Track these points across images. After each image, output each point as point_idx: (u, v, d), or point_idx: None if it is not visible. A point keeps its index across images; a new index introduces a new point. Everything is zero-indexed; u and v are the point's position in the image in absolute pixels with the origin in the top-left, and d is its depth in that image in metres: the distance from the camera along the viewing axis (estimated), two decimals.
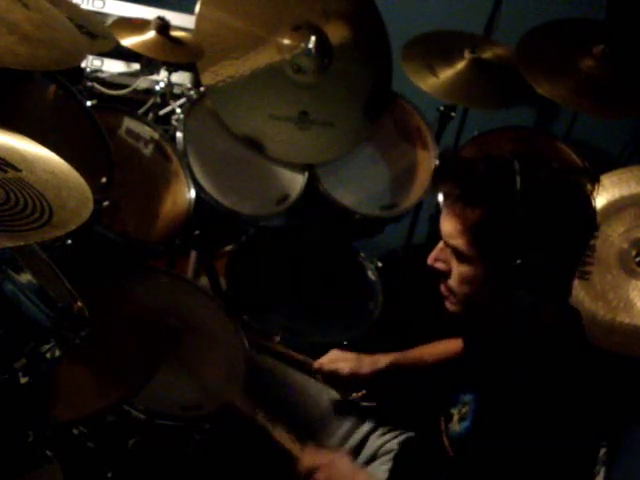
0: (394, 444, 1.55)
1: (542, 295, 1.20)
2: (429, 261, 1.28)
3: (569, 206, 1.18)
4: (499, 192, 1.17)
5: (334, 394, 1.64)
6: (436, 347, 1.60)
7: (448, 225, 1.22)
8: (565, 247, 1.18)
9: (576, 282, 1.26)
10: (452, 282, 1.25)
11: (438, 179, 1.34)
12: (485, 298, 1.24)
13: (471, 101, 2.40)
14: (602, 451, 1.81)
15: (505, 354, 1.24)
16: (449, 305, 1.29)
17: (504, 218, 1.16)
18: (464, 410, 1.25)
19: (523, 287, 1.18)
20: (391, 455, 1.52)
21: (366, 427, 1.58)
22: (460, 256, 1.22)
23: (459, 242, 1.21)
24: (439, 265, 1.26)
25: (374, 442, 1.56)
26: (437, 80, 2.31)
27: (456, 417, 1.27)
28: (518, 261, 1.15)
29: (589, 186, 1.21)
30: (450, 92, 2.31)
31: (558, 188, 1.18)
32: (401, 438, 1.56)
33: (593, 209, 1.22)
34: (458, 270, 1.23)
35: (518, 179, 1.15)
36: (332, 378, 1.60)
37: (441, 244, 1.26)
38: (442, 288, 1.28)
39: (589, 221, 1.22)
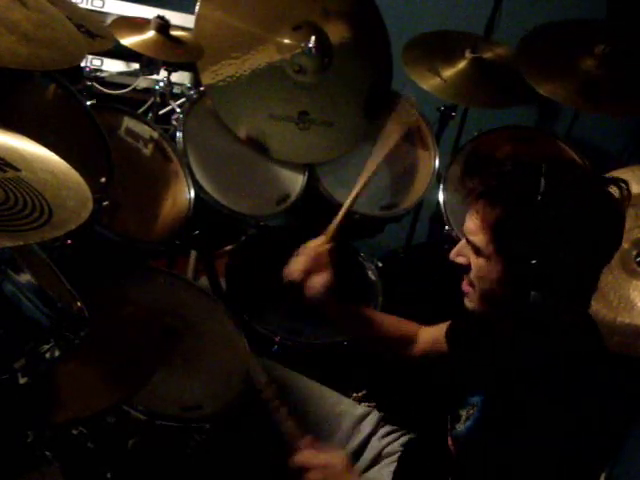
0: (396, 446, 1.54)
1: (557, 299, 1.20)
2: (451, 256, 1.30)
3: (591, 213, 1.17)
4: (521, 192, 1.18)
5: (336, 396, 1.64)
6: (407, 323, 1.66)
7: (470, 221, 1.24)
8: (584, 254, 1.18)
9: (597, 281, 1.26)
10: (472, 277, 1.27)
11: (466, 174, 1.36)
12: (501, 296, 1.24)
13: (472, 101, 2.39)
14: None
15: (516, 355, 1.24)
16: (467, 302, 1.30)
17: (523, 218, 1.16)
18: (472, 411, 1.25)
19: (536, 288, 1.18)
20: (394, 457, 1.52)
21: (367, 429, 1.58)
22: (478, 252, 1.23)
23: (478, 238, 1.22)
24: (460, 259, 1.29)
25: (376, 444, 1.56)
26: (438, 80, 2.31)
27: (463, 418, 1.27)
28: (533, 261, 1.15)
29: (619, 196, 1.21)
30: (451, 92, 2.31)
31: (582, 195, 1.18)
32: (403, 440, 1.56)
33: (620, 219, 1.21)
34: (477, 267, 1.25)
35: (542, 181, 1.16)
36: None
37: (463, 240, 1.28)
38: (463, 284, 1.30)
39: (613, 231, 1.21)
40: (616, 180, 1.23)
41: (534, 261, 1.15)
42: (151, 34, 1.98)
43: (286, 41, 2.20)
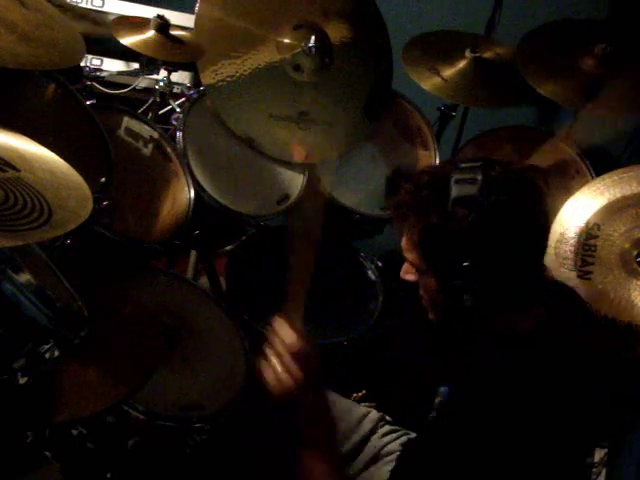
0: (396, 445, 1.54)
1: (494, 297, 1.21)
2: (401, 275, 1.33)
3: (509, 209, 1.17)
4: (433, 202, 1.19)
5: (335, 396, 1.64)
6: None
7: (403, 240, 1.26)
8: (510, 251, 1.18)
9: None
10: (420, 292, 1.30)
11: (387, 195, 1.37)
12: (443, 304, 1.26)
13: (472, 100, 2.39)
14: (603, 452, 1.80)
15: (476, 353, 1.25)
16: (429, 314, 1.33)
17: (440, 228, 1.18)
18: (437, 400, 1.28)
19: (468, 292, 1.19)
20: (393, 456, 1.51)
21: (367, 427, 1.58)
22: (417, 269, 1.26)
23: (412, 256, 1.25)
24: (408, 277, 1.31)
25: (375, 443, 1.55)
26: (438, 79, 2.30)
27: (434, 407, 1.28)
28: (465, 264, 1.16)
29: (541, 185, 1.21)
30: (452, 91, 2.31)
31: (495, 192, 1.17)
32: (403, 439, 1.56)
33: (541, 208, 1.21)
34: (421, 281, 1.28)
35: (452, 187, 1.16)
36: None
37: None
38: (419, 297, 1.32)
39: (535, 223, 1.21)
40: (534, 168, 1.23)
41: (465, 263, 1.15)
42: (151, 34, 1.97)
43: (286, 41, 2.19)
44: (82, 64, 2.20)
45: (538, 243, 1.23)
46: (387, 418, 1.62)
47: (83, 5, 2.27)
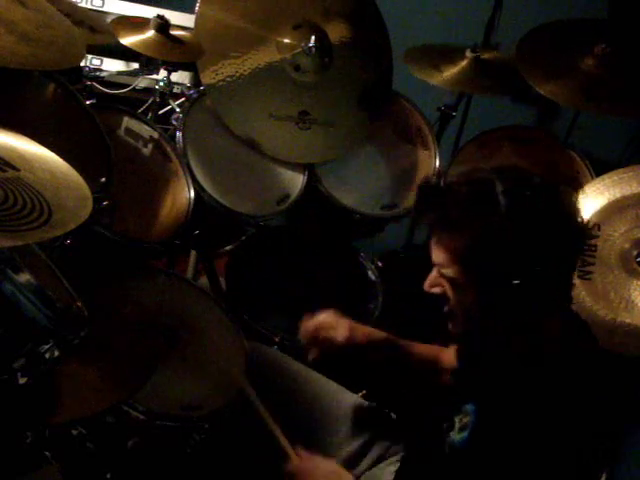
0: (401, 447, 1.54)
1: (540, 310, 1.20)
2: (425, 288, 1.27)
3: (554, 220, 1.17)
4: (483, 216, 1.15)
5: (346, 393, 1.64)
6: (430, 349, 1.60)
7: (438, 255, 1.21)
8: (557, 260, 1.17)
9: (578, 282, 1.26)
10: (451, 307, 1.25)
11: (420, 211, 1.29)
12: (481, 319, 1.23)
13: (476, 88, 2.37)
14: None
15: (506, 371, 1.23)
16: (451, 327, 1.29)
17: (492, 241, 1.14)
18: (465, 420, 1.24)
19: (522, 306, 1.17)
20: (397, 457, 1.52)
21: (371, 423, 1.58)
22: (454, 283, 1.21)
23: (451, 271, 1.20)
24: (436, 290, 1.26)
25: (381, 443, 1.55)
26: (441, 75, 2.30)
27: (457, 425, 1.26)
28: (516, 281, 1.13)
29: (573, 194, 1.21)
30: (452, 82, 2.30)
31: (542, 204, 1.16)
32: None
33: (580, 218, 1.21)
34: (456, 297, 1.23)
35: (501, 200, 1.13)
36: (324, 345, 1.56)
37: (435, 271, 1.25)
38: (445, 310, 1.28)
39: (577, 230, 1.20)
40: (567, 178, 1.23)
41: (516, 281, 1.13)
42: (151, 33, 1.97)
43: (286, 40, 2.19)
44: (82, 64, 2.20)
45: (576, 260, 1.23)
46: (392, 415, 1.61)
47: (83, 5, 2.27)
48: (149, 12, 2.22)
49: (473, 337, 1.30)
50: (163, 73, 2.19)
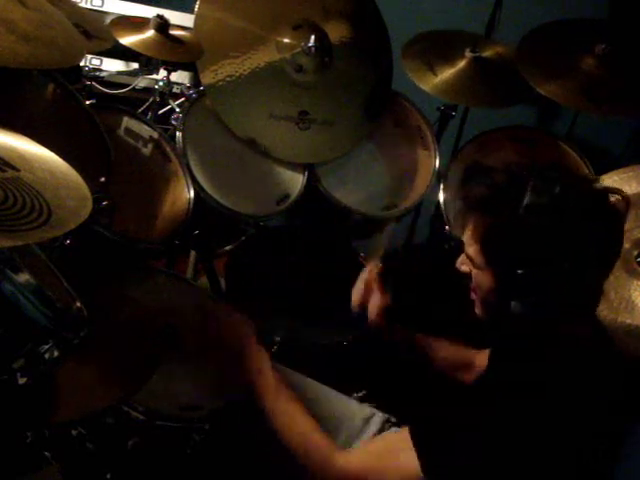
0: None
1: (554, 310, 1.21)
2: (457, 264, 1.33)
3: (579, 225, 1.17)
4: (506, 204, 1.18)
5: (341, 397, 1.64)
6: (458, 349, 1.63)
7: (466, 233, 1.27)
8: (573, 264, 1.17)
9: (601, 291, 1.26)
10: (473, 286, 1.30)
11: (464, 183, 1.36)
12: (495, 305, 1.26)
13: (471, 100, 2.39)
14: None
15: (514, 361, 1.24)
16: (475, 309, 1.32)
17: (508, 230, 1.18)
18: None
19: (521, 298, 1.19)
20: None
21: (373, 429, 1.58)
22: (473, 263, 1.26)
23: (472, 249, 1.25)
24: (464, 268, 1.31)
25: None
26: (436, 79, 2.30)
27: None
28: (519, 271, 1.16)
29: (618, 205, 1.22)
30: (450, 91, 2.31)
31: (566, 206, 1.17)
32: None
33: (614, 229, 1.21)
34: (475, 276, 1.27)
35: (529, 194, 1.16)
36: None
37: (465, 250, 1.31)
38: (471, 292, 1.32)
39: (604, 241, 1.20)
40: (614, 190, 1.23)
41: (520, 271, 1.16)
42: (150, 33, 1.97)
43: (286, 40, 2.19)
44: (81, 64, 2.20)
45: (602, 264, 1.22)
46: (392, 420, 1.61)
47: (83, 5, 2.27)
48: (149, 12, 2.23)
49: (490, 320, 1.32)
50: (163, 73, 2.19)
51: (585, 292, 1.23)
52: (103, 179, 1.73)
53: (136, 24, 2.00)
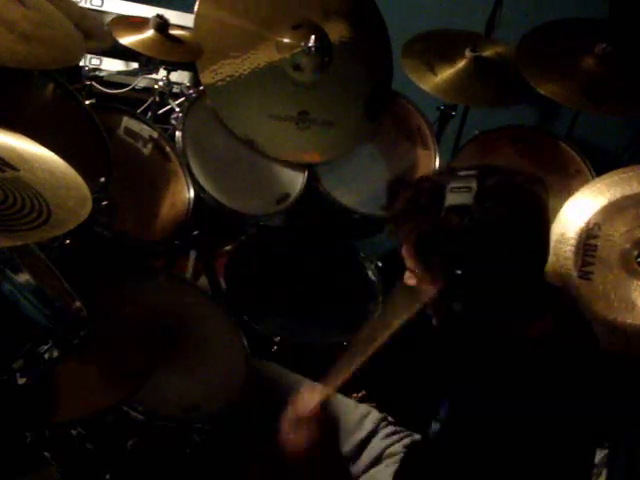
0: (399, 447, 1.54)
1: (501, 309, 1.21)
2: (404, 279, 1.32)
3: (501, 218, 1.17)
4: (429, 209, 1.19)
5: (337, 396, 1.63)
6: None
7: (403, 247, 1.26)
8: (502, 258, 1.17)
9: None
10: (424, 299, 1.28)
11: (388, 203, 1.36)
12: (440, 310, 1.26)
13: (471, 99, 2.39)
14: (603, 453, 1.80)
15: (470, 367, 1.25)
16: (433, 321, 1.32)
17: (436, 233, 1.18)
18: (442, 412, 1.27)
19: (460, 300, 1.19)
20: (396, 458, 1.51)
21: (368, 427, 1.57)
22: (414, 274, 1.26)
23: (410, 262, 1.25)
24: (410, 282, 1.30)
25: (378, 444, 1.55)
26: (436, 79, 2.30)
27: (439, 417, 1.28)
28: (458, 272, 1.16)
29: (542, 196, 1.20)
30: (450, 91, 2.31)
31: (488, 200, 1.16)
32: (406, 441, 1.56)
33: (540, 219, 1.21)
34: (419, 286, 1.27)
35: (448, 196, 1.16)
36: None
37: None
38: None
39: (529, 234, 1.20)
40: (532, 179, 1.22)
41: (458, 272, 1.15)
42: (150, 33, 1.97)
43: (286, 40, 2.19)
44: (81, 64, 2.20)
45: (533, 254, 1.21)
46: (389, 419, 1.61)
47: (82, 4, 2.27)
48: (148, 12, 2.22)
49: (445, 330, 1.32)
50: (162, 73, 2.18)
51: (527, 285, 1.22)
52: (103, 179, 1.73)
53: (136, 24, 2.00)
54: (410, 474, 1.25)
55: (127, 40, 1.93)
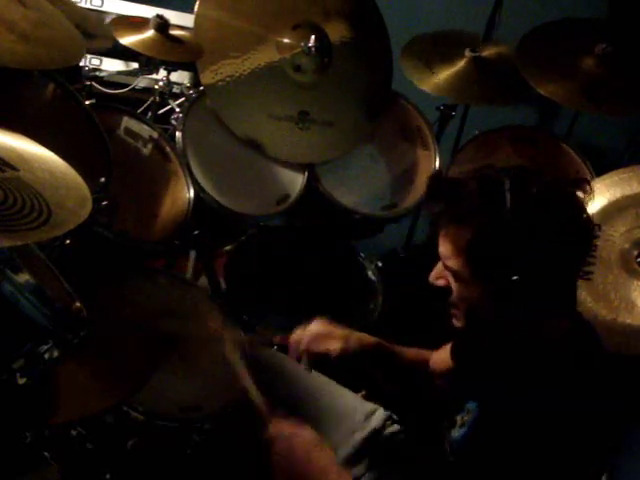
0: (404, 446, 1.53)
1: (542, 309, 1.20)
2: (430, 279, 1.29)
3: (560, 220, 1.17)
4: (489, 211, 1.16)
5: (344, 391, 1.63)
6: (420, 354, 1.59)
7: (443, 247, 1.23)
8: (560, 260, 1.17)
9: (578, 282, 1.26)
10: (454, 299, 1.26)
11: (430, 201, 1.33)
12: (485, 314, 1.24)
13: (470, 98, 2.38)
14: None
15: (507, 367, 1.23)
16: (455, 322, 1.29)
17: (495, 237, 1.15)
18: (466, 417, 1.25)
19: (522, 303, 1.18)
20: (401, 457, 1.51)
21: (373, 424, 1.57)
22: (457, 276, 1.22)
23: (455, 263, 1.21)
24: (440, 282, 1.27)
25: (383, 442, 1.54)
26: (436, 79, 2.30)
27: (458, 423, 1.27)
28: (514, 277, 1.14)
29: (583, 195, 1.21)
30: (450, 91, 2.31)
31: (548, 203, 1.16)
32: (411, 441, 1.55)
33: (587, 219, 1.21)
34: (458, 289, 1.24)
35: (508, 196, 1.15)
36: (320, 359, 1.54)
37: (440, 263, 1.27)
38: (448, 304, 1.29)
39: (583, 232, 1.20)
40: (580, 181, 1.22)
41: (515, 277, 1.14)
42: (150, 33, 1.97)
43: (286, 40, 2.19)
44: (81, 64, 2.20)
45: (582, 260, 1.22)
46: (394, 417, 1.61)
47: (82, 4, 2.27)
48: (148, 12, 2.22)
49: (475, 332, 1.30)
50: (162, 73, 2.18)
51: (566, 285, 1.22)
52: (103, 179, 1.73)
53: (136, 24, 2.00)
54: None
55: (127, 40, 1.93)
